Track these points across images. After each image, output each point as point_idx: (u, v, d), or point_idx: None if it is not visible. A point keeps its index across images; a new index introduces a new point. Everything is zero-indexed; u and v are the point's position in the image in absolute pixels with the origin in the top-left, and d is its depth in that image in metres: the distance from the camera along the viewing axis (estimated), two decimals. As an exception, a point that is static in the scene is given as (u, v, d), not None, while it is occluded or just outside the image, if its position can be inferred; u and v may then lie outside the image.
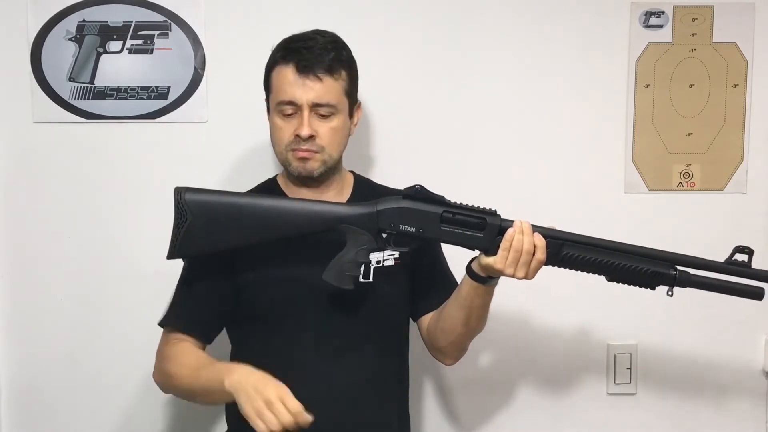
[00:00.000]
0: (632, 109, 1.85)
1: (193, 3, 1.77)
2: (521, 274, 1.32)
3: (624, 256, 1.35)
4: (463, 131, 1.84)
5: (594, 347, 1.89)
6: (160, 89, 1.79)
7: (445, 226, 1.35)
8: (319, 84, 1.42)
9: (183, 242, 1.35)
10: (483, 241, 1.33)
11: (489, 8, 1.81)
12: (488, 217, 1.34)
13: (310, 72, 1.41)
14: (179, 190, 1.36)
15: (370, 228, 1.35)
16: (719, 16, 1.83)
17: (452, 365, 1.58)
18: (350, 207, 1.39)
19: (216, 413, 1.80)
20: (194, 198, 1.36)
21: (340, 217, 1.36)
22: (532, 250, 1.32)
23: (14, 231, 1.81)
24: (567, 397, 1.90)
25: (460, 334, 1.47)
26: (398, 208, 1.35)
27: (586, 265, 1.36)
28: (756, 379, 1.91)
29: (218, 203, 1.37)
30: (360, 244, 1.35)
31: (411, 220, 1.35)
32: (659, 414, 1.90)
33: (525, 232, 1.32)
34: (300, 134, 1.42)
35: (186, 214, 1.35)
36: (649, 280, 1.36)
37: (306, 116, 1.42)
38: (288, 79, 1.43)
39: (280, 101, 1.44)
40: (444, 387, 1.90)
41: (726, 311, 1.88)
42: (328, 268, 1.36)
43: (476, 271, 1.37)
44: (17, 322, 1.83)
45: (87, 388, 1.84)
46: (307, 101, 1.42)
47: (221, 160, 1.81)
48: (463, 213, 1.35)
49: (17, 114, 1.78)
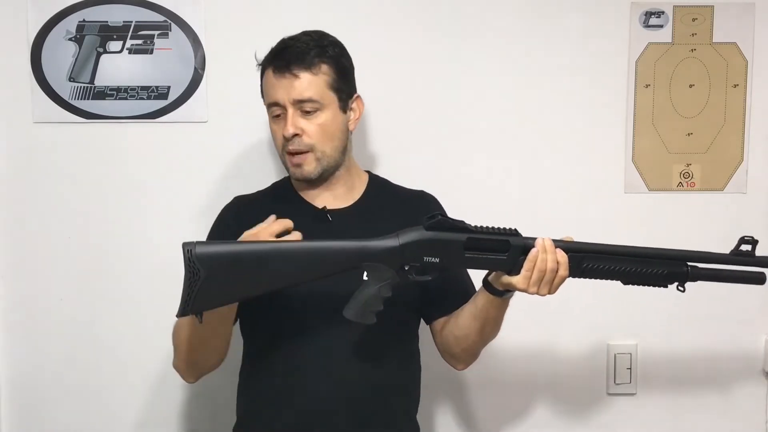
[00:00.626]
0: (632, 109, 1.85)
1: (193, 3, 1.77)
2: (545, 292, 1.32)
3: (640, 261, 1.37)
4: (463, 131, 1.83)
5: (594, 347, 1.89)
6: (160, 89, 1.79)
7: (469, 253, 1.32)
8: (297, 80, 1.42)
9: (198, 299, 1.25)
10: (506, 263, 1.32)
11: (489, 8, 1.81)
12: (511, 238, 1.32)
13: (287, 71, 1.42)
14: (188, 247, 1.25)
15: (394, 263, 1.31)
16: (719, 16, 1.83)
17: (462, 370, 1.57)
18: (372, 242, 1.32)
19: (218, 414, 1.80)
20: (206, 252, 1.26)
21: (362, 254, 1.31)
22: (555, 267, 1.31)
23: (14, 231, 1.81)
24: (567, 397, 1.90)
25: (474, 342, 1.47)
26: (422, 241, 1.31)
27: (605, 274, 1.37)
28: (756, 379, 1.91)
29: (232, 255, 1.29)
30: (383, 279, 1.31)
31: (435, 252, 1.31)
32: (659, 414, 1.90)
33: (548, 250, 1.30)
34: (285, 134, 1.43)
35: (198, 270, 1.25)
36: (664, 280, 1.39)
37: (290, 115, 1.42)
38: (270, 82, 1.45)
39: (267, 105, 1.47)
40: (444, 387, 1.90)
41: (726, 311, 1.89)
42: (349, 306, 1.32)
43: (495, 286, 1.36)
44: (17, 322, 1.83)
45: (87, 387, 1.84)
46: (288, 99, 1.42)
47: (221, 160, 1.81)
48: (486, 237, 1.32)
49: (17, 114, 1.78)
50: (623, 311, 1.88)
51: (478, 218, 1.40)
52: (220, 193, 1.70)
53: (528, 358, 1.89)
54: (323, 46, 1.45)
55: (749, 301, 1.89)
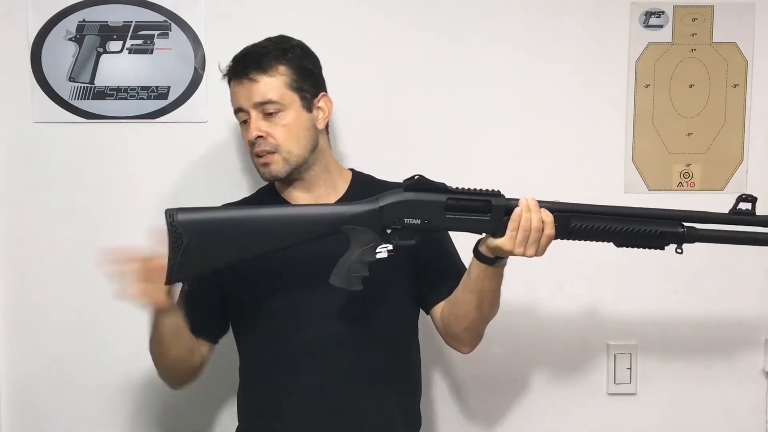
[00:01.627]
0: (632, 109, 1.85)
1: (193, 3, 1.77)
2: (531, 252, 1.31)
3: (632, 220, 1.34)
4: (462, 131, 1.83)
5: (594, 347, 1.89)
6: (160, 89, 1.79)
7: (450, 213, 1.32)
8: (255, 84, 1.45)
9: (181, 265, 1.28)
10: (490, 224, 1.31)
11: (489, 8, 1.81)
12: (493, 198, 1.32)
13: (245, 76, 1.45)
14: (170, 212, 1.29)
15: (375, 225, 1.32)
16: (719, 16, 1.83)
17: (468, 353, 1.54)
18: (352, 206, 1.35)
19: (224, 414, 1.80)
20: (188, 218, 1.29)
21: (342, 218, 1.33)
22: (540, 227, 1.30)
23: (14, 231, 1.81)
24: (567, 397, 1.90)
25: (474, 320, 1.45)
26: (401, 202, 1.32)
27: (595, 235, 1.34)
28: (756, 379, 1.91)
29: (214, 220, 1.32)
30: (365, 243, 1.32)
31: (415, 212, 1.32)
32: (659, 414, 1.90)
33: (532, 209, 1.30)
34: (249, 138, 1.46)
35: (181, 235, 1.28)
36: (658, 241, 1.35)
37: (252, 118, 1.45)
38: (232, 90, 1.49)
39: (234, 112, 1.51)
40: (444, 386, 1.90)
41: (726, 311, 1.89)
42: (334, 272, 1.33)
43: (484, 253, 1.35)
44: (17, 322, 1.83)
45: (87, 388, 1.84)
46: (249, 104, 1.45)
47: (221, 160, 1.81)
48: (467, 198, 1.32)
49: (17, 114, 1.78)
50: (623, 311, 1.88)
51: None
52: (220, 193, 1.70)
53: (528, 357, 1.89)
54: (282, 48, 1.47)
55: (749, 301, 1.89)
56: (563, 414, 1.90)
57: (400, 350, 1.53)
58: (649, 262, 1.84)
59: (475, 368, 1.88)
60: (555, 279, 1.86)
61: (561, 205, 1.34)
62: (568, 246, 1.82)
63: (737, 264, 1.87)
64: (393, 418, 1.50)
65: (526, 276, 1.78)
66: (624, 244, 1.37)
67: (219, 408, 1.82)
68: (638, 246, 1.37)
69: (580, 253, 1.83)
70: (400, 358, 1.53)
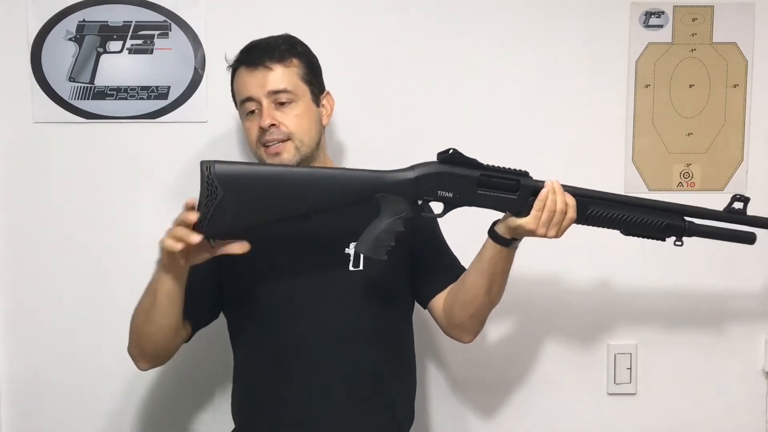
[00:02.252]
0: (632, 109, 1.85)
1: (193, 3, 1.77)
2: (552, 233, 1.34)
3: (642, 210, 1.40)
4: (462, 131, 1.83)
5: (594, 347, 1.89)
6: (160, 89, 1.79)
7: (481, 189, 1.34)
8: (271, 72, 1.45)
9: (213, 220, 1.22)
10: (516, 203, 1.34)
11: (488, 8, 1.81)
12: (522, 178, 1.35)
13: (260, 64, 1.45)
14: (207, 164, 1.23)
15: (409, 195, 1.32)
16: (719, 16, 1.83)
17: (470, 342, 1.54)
18: (389, 173, 1.33)
19: (219, 414, 1.80)
20: (225, 171, 1.23)
21: (379, 184, 1.31)
22: (564, 209, 1.33)
23: (14, 231, 1.81)
24: (567, 397, 1.90)
25: (482, 305, 1.45)
26: (438, 173, 1.32)
27: (608, 222, 1.39)
28: (756, 379, 1.91)
29: (252, 175, 1.27)
30: (396, 213, 1.31)
31: (448, 186, 1.33)
32: (659, 414, 1.90)
33: (557, 191, 1.33)
34: (262, 125, 1.44)
35: (216, 189, 1.23)
36: (663, 232, 1.42)
37: (265, 106, 1.45)
38: (242, 79, 1.48)
39: (240, 102, 1.49)
40: (443, 386, 1.90)
41: (726, 311, 1.89)
42: (361, 240, 1.32)
43: (501, 234, 1.36)
44: (17, 321, 1.83)
45: (87, 388, 1.84)
46: (263, 92, 1.45)
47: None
48: (498, 175, 1.34)
49: (17, 114, 1.78)
50: (623, 311, 1.88)
51: (478, 218, 1.40)
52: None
53: (528, 357, 1.89)
54: (292, 43, 1.50)
55: (749, 301, 1.89)
56: (563, 414, 1.90)
57: (398, 346, 1.53)
58: (649, 262, 1.86)
59: (475, 368, 1.88)
60: (555, 279, 1.86)
61: (583, 191, 1.38)
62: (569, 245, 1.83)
63: (737, 264, 1.87)
64: (391, 414, 1.50)
65: (525, 276, 1.78)
66: (631, 233, 1.42)
67: (218, 408, 1.82)
68: (643, 236, 1.43)
69: (580, 253, 1.85)
70: (398, 355, 1.53)
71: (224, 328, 1.55)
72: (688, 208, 1.44)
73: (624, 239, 1.84)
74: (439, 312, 1.53)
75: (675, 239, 1.42)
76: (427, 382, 1.88)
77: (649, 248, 1.85)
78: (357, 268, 1.45)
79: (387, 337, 1.49)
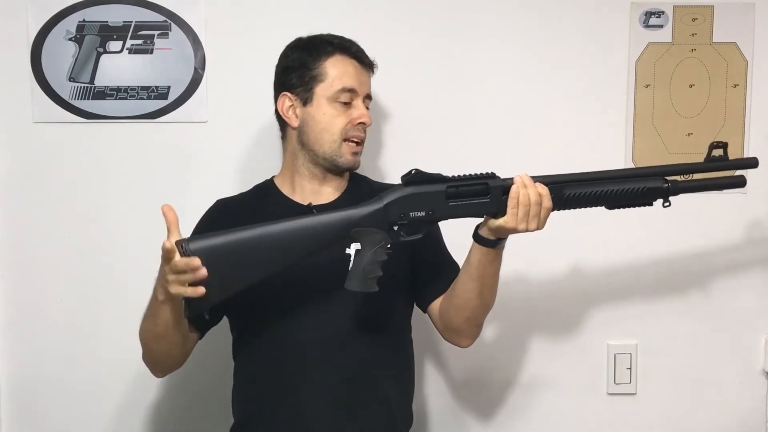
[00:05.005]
0: (632, 109, 1.85)
1: (193, 3, 1.78)
2: (533, 227, 1.34)
3: (619, 181, 1.39)
4: (462, 131, 1.83)
5: (594, 347, 1.89)
6: (160, 89, 1.79)
7: (452, 201, 1.35)
8: (371, 75, 1.56)
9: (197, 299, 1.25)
10: (490, 205, 1.34)
11: (488, 8, 1.81)
12: (489, 180, 1.35)
13: (366, 63, 1.54)
14: (180, 243, 1.25)
15: (382, 224, 1.34)
16: (719, 16, 1.83)
17: (468, 346, 1.54)
18: (357, 209, 1.35)
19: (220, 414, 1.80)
20: (199, 247, 1.25)
21: (351, 222, 1.33)
22: (539, 200, 1.33)
23: (14, 231, 1.81)
24: (567, 397, 1.90)
25: (475, 308, 1.46)
26: (404, 197, 1.34)
27: (588, 201, 1.39)
28: (756, 379, 1.91)
29: (225, 245, 1.28)
30: (375, 243, 1.33)
31: (419, 205, 1.34)
32: (659, 414, 1.90)
33: (527, 184, 1.34)
34: (366, 122, 1.50)
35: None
36: (646, 197, 1.40)
37: (363, 105, 1.51)
38: (350, 69, 1.50)
39: (341, 88, 1.49)
40: (443, 387, 1.90)
41: (726, 311, 1.89)
42: (349, 278, 1.34)
43: (485, 236, 1.37)
44: (17, 322, 1.83)
45: (87, 387, 1.84)
46: (363, 91, 1.52)
47: (221, 160, 1.81)
48: (465, 184, 1.35)
49: (17, 114, 1.78)
50: (623, 311, 1.88)
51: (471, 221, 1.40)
52: (220, 193, 1.70)
53: (528, 357, 1.89)
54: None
55: (749, 301, 1.89)
56: (563, 414, 1.90)
57: (397, 348, 1.54)
58: (649, 262, 1.86)
59: (475, 368, 1.88)
60: (555, 278, 1.86)
61: (553, 177, 1.38)
62: (569, 245, 1.84)
63: (737, 264, 1.87)
64: (392, 415, 1.50)
65: (525, 276, 1.78)
66: (615, 206, 1.41)
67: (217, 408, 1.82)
68: (628, 206, 1.42)
69: (580, 253, 1.85)
70: (397, 356, 1.53)
71: (225, 328, 1.55)
72: (666, 168, 1.44)
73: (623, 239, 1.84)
74: (437, 317, 1.54)
75: (663, 201, 1.40)
76: (426, 382, 1.88)
77: (650, 248, 1.86)
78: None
79: (387, 339, 1.50)
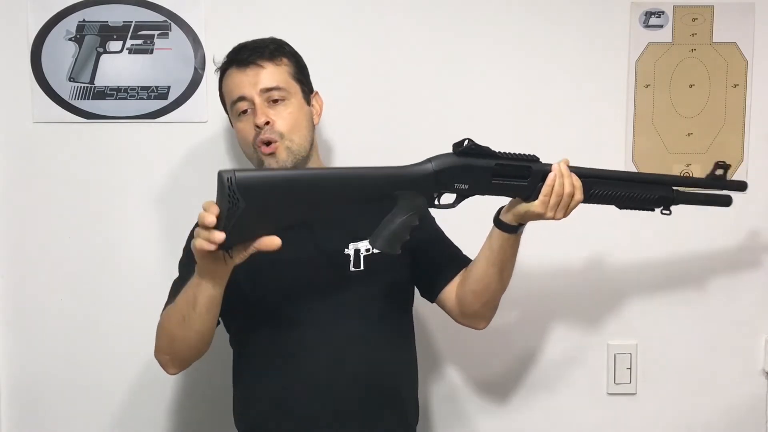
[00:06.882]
0: (632, 109, 1.85)
1: (193, 3, 1.77)
2: (560, 216, 1.35)
3: (638, 186, 1.43)
4: (461, 131, 1.82)
5: (594, 347, 1.89)
6: (160, 89, 1.79)
7: (495, 179, 1.33)
8: (263, 70, 1.45)
9: (235, 231, 1.18)
10: (527, 188, 1.33)
11: (488, 8, 1.81)
12: (532, 164, 1.34)
13: (250, 63, 1.46)
14: (228, 175, 1.16)
15: (427, 189, 1.30)
16: (719, 16, 1.83)
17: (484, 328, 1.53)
18: (407, 169, 1.30)
19: (222, 414, 1.80)
20: (246, 180, 1.17)
21: (396, 182, 1.28)
22: (572, 191, 1.34)
23: (14, 231, 1.81)
24: (567, 397, 1.90)
25: (495, 291, 1.46)
26: (457, 166, 1.30)
27: (608, 200, 1.41)
28: (756, 379, 1.91)
29: (271, 181, 1.22)
30: (413, 208, 1.29)
31: (465, 178, 1.31)
32: (659, 414, 1.90)
33: (564, 174, 1.33)
34: (257, 123, 1.43)
35: (238, 201, 1.17)
36: (654, 204, 1.45)
37: (258, 104, 1.45)
38: (233, 79, 1.48)
39: (232, 102, 1.48)
40: (443, 387, 1.90)
41: (726, 311, 1.89)
42: (375, 235, 1.29)
43: (508, 222, 1.37)
44: (17, 322, 1.83)
45: (87, 388, 1.84)
46: (255, 90, 1.45)
47: (221, 160, 1.81)
48: (512, 164, 1.33)
49: (17, 114, 1.78)
50: (623, 311, 1.88)
51: (477, 217, 1.40)
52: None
53: (527, 357, 1.89)
54: (279, 44, 1.51)
55: (749, 301, 1.89)
56: (563, 414, 1.90)
57: (401, 344, 1.53)
58: (649, 262, 1.86)
59: (475, 368, 1.88)
60: (555, 279, 1.86)
61: (587, 171, 1.39)
62: (568, 245, 1.84)
63: (737, 264, 1.87)
64: (400, 411, 1.49)
65: (525, 276, 1.78)
66: (625, 207, 1.45)
67: (220, 405, 1.82)
68: (636, 208, 1.46)
69: (580, 253, 1.85)
70: (401, 352, 1.53)
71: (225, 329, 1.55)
72: (675, 179, 1.57)
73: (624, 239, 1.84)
74: (452, 303, 1.52)
75: (662, 209, 1.46)
76: (427, 382, 1.88)
77: (650, 248, 1.86)
78: (358, 269, 1.45)
79: (390, 336, 1.49)
